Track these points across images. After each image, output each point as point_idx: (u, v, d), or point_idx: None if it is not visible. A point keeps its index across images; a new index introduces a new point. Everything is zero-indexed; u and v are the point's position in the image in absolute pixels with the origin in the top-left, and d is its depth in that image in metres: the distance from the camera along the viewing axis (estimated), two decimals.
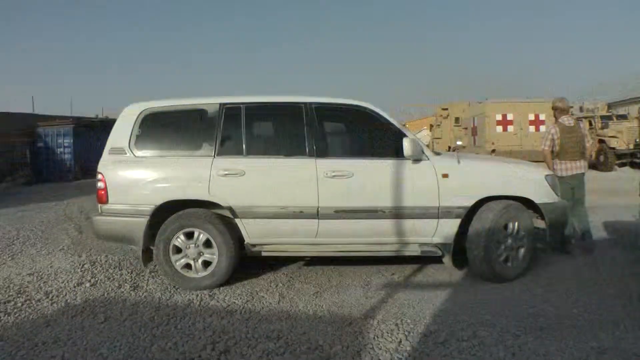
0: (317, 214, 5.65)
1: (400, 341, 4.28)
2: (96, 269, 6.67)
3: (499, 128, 19.27)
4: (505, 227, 5.76)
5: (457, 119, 23.48)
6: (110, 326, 4.78)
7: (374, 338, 4.36)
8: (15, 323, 5.00)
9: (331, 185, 5.65)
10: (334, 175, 5.64)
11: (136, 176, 5.83)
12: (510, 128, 19.26)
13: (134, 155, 5.87)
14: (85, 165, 22.75)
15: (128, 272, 6.47)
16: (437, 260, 6.12)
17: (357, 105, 5.97)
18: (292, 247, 5.88)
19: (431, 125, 27.41)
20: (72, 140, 23.50)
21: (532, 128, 19.20)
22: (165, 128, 6.11)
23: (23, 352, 4.28)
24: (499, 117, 19.31)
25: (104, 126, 23.90)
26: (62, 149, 23.66)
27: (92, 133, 23.76)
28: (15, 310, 5.33)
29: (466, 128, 21.82)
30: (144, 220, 5.69)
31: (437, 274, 6.19)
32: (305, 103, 5.90)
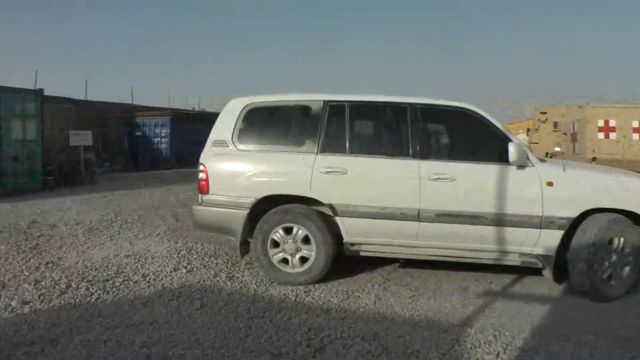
0: (417, 217, 5.53)
1: (498, 354, 4.12)
2: (192, 256, 6.86)
3: (601, 135, 18.31)
4: (610, 242, 5.40)
5: (555, 124, 22.52)
6: (206, 313, 4.86)
7: (471, 348, 4.21)
8: (113, 301, 5.21)
9: (433, 188, 5.51)
10: (437, 178, 5.50)
11: (238, 169, 5.90)
12: (612, 135, 18.29)
13: (237, 148, 5.95)
14: (181, 155, 23.62)
15: (223, 262, 6.60)
16: (535, 271, 5.82)
17: (462, 108, 5.79)
18: (391, 248, 5.79)
19: (528, 130, 26.42)
20: (169, 131, 24.51)
21: (635, 136, 18.17)
22: (268, 123, 6.16)
23: (121, 330, 4.44)
24: (600, 123, 18.33)
25: (201, 118, 24.87)
26: (159, 139, 24.70)
27: (189, 125, 24.58)
28: (114, 289, 5.57)
29: (565, 133, 20.85)
30: (243, 213, 5.76)
31: (535, 287, 5.89)
32: (409, 103, 5.81)
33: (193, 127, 23.83)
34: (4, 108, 13.90)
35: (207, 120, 24.14)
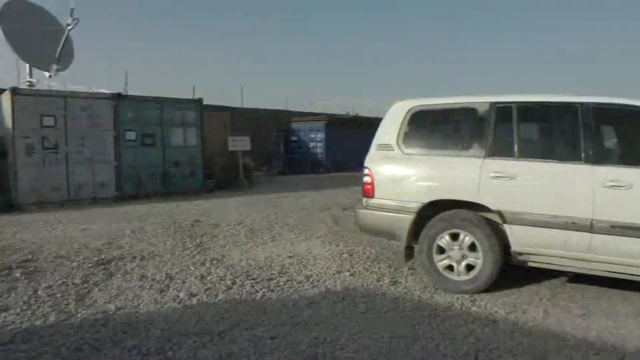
0: (590, 227, 5.10)
1: None
2: (354, 260, 6.96)
3: None
4: None
5: None
6: (371, 317, 4.88)
7: None
8: (278, 300, 5.41)
9: (608, 197, 5.04)
10: (612, 186, 5.02)
11: (403, 173, 5.91)
12: None
13: (402, 152, 5.95)
14: (336, 159, 24.18)
15: (386, 267, 6.64)
16: None
17: (638, 107, 5.24)
18: (561, 260, 5.38)
19: None
20: (324, 136, 25.17)
21: None
22: (433, 126, 6.11)
23: (287, 328, 4.59)
24: None
25: (355, 122, 25.35)
26: (314, 144, 25.50)
27: (343, 129, 25.09)
28: (278, 288, 5.78)
29: None
30: (409, 217, 5.74)
31: None
32: (581, 103, 5.37)
33: (348, 131, 24.47)
34: (166, 117, 15.39)
35: (362, 124, 24.69)
